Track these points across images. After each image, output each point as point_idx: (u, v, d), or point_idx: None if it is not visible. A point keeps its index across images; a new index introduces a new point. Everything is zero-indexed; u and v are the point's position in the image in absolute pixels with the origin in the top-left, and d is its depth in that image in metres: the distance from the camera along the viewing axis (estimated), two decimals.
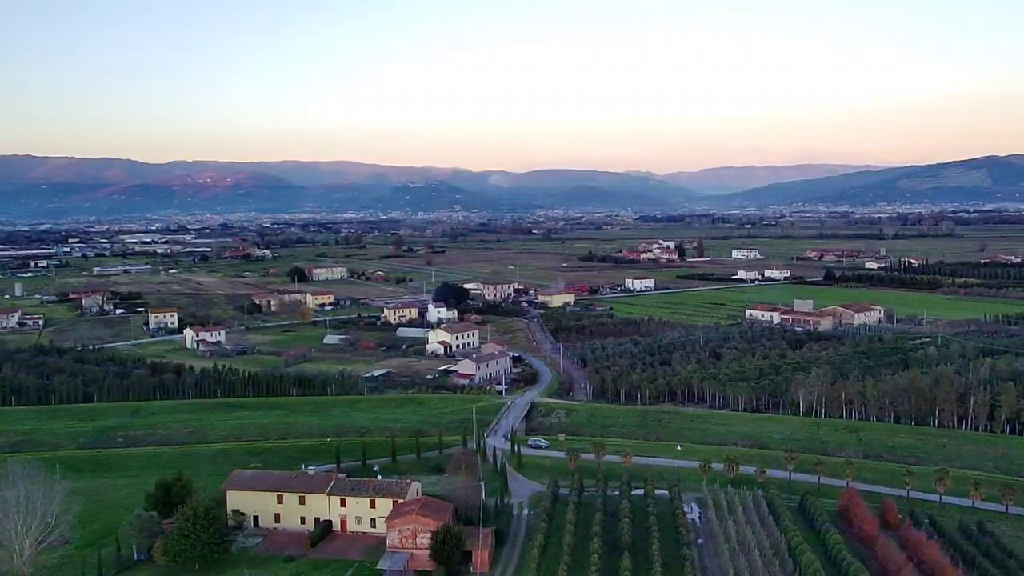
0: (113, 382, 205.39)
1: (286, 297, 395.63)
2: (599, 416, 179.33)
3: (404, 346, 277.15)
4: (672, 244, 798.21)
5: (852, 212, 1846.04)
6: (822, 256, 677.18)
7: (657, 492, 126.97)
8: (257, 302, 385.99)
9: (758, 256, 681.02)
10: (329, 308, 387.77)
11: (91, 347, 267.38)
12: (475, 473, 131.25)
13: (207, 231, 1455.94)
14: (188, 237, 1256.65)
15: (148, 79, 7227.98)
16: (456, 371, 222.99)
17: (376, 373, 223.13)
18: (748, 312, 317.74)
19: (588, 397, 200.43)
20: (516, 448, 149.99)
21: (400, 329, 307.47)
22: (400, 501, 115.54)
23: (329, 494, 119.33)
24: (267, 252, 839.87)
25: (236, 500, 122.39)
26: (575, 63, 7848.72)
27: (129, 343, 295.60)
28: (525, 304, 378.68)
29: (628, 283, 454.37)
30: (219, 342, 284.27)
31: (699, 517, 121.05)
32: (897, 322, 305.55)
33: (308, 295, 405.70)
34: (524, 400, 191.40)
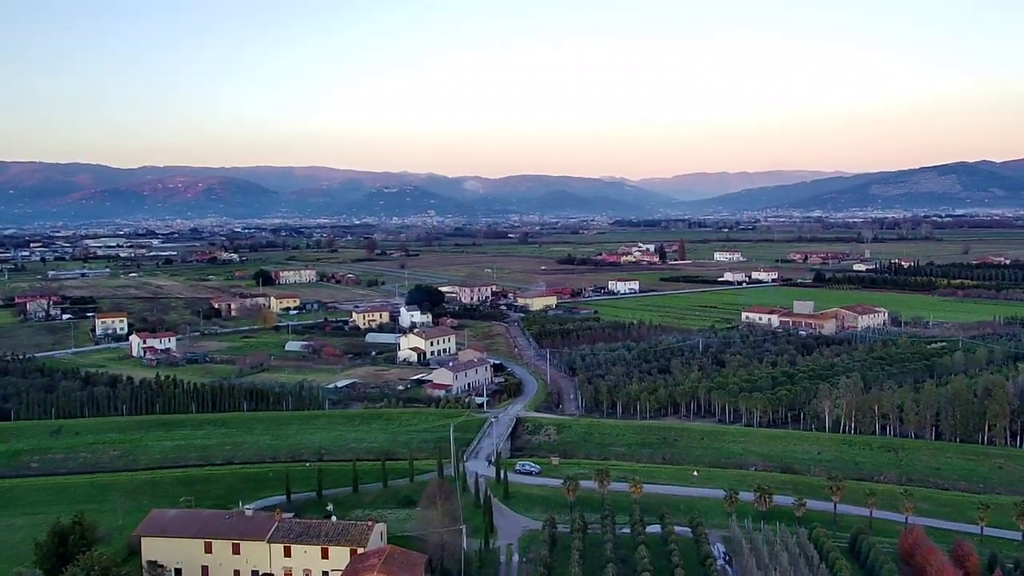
0: (35, 396, 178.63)
1: (247, 301, 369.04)
2: (595, 433, 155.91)
3: (373, 353, 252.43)
4: (652, 247, 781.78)
5: (826, 217, 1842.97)
6: (806, 258, 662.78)
7: (676, 529, 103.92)
8: (216, 306, 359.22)
9: (741, 259, 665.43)
10: (294, 312, 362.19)
11: (22, 356, 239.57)
12: (453, 508, 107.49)
13: (176, 236, 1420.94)
14: (155, 241, 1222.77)
15: (119, 83, 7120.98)
16: (431, 381, 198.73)
17: (340, 384, 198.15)
18: (745, 315, 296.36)
19: (580, 410, 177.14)
20: (502, 474, 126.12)
21: (369, 335, 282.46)
22: (359, 551, 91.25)
23: (270, 541, 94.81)
24: (235, 256, 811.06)
25: (153, 549, 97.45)
26: (549, 69, 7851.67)
27: (70, 351, 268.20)
28: (504, 307, 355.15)
29: (611, 285, 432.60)
30: (168, 349, 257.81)
31: (729, 561, 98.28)
32: (904, 325, 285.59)
33: (272, 298, 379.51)
34: (508, 415, 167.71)
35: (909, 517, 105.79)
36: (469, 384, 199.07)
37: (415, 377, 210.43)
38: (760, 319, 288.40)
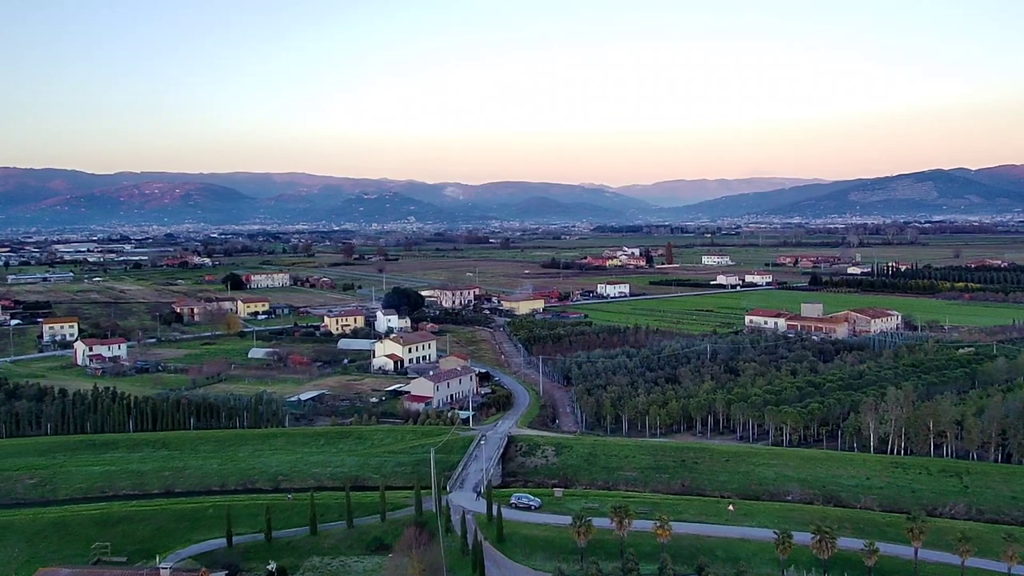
0: None
1: (212, 305, 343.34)
2: (600, 454, 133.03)
3: (346, 361, 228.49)
4: (637, 251, 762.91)
5: (806, 223, 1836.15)
6: (797, 262, 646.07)
7: None
8: (178, 311, 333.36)
9: (730, 262, 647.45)
10: (262, 317, 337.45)
11: None
12: (434, 556, 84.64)
13: (149, 241, 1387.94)
14: (128, 247, 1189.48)
15: (96, 89, 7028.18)
16: (408, 392, 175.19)
17: (305, 396, 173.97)
18: (749, 318, 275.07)
19: (580, 427, 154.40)
20: (495, 510, 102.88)
21: (342, 341, 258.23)
22: None
23: None
24: (207, 260, 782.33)
25: None
26: (530, 76, 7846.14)
27: (8, 359, 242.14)
28: (489, 312, 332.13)
29: (600, 289, 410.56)
30: (118, 357, 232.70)
31: None
32: (918, 329, 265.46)
33: (239, 302, 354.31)
34: (498, 432, 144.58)
35: (1012, 568, 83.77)
36: (452, 396, 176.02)
37: (391, 388, 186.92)
38: (765, 323, 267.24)
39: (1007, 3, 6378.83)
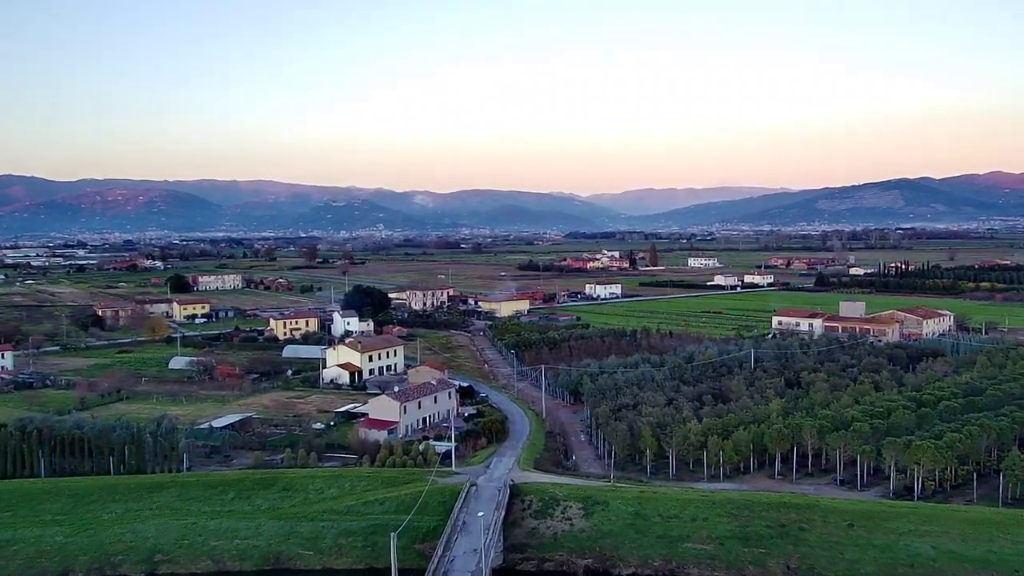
0: None
1: (143, 307, 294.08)
2: (652, 514, 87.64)
3: (289, 372, 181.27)
4: (618, 254, 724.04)
5: (777, 230, 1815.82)
6: (789, 264, 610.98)
7: None
8: (100, 314, 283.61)
9: (717, 264, 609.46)
10: (201, 321, 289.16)
11: None
12: None
13: (106, 247, 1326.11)
14: (82, 251, 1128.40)
15: (57, 94, 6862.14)
16: (365, 416, 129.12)
17: (221, 423, 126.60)
18: (777, 319, 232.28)
19: (607, 466, 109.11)
20: None
21: (288, 347, 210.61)
22: None
23: None
24: (159, 264, 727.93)
25: None
26: (498, 85, 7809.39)
27: None
28: (466, 314, 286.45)
29: (589, 290, 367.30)
30: (2, 368, 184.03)
31: None
32: (982, 332, 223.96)
33: (175, 304, 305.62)
34: (494, 477, 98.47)
35: None
36: (425, 420, 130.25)
37: (342, 408, 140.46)
38: (798, 324, 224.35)
39: (969, 12, 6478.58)
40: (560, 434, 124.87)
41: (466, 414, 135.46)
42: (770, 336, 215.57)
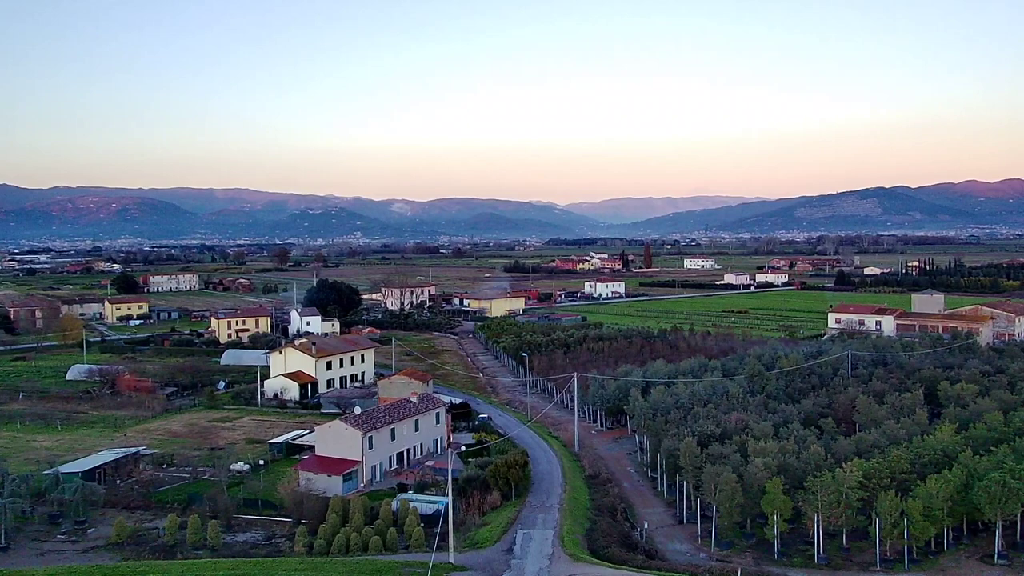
0: None
1: (59, 307, 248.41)
2: None
3: (221, 384, 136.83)
4: (606, 255, 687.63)
5: (758, 237, 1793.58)
6: (792, 265, 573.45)
7: None
8: (11, 315, 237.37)
9: (715, 266, 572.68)
10: (136, 322, 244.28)
11: None
12: None
13: (72, 253, 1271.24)
14: (43, 257, 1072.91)
15: (28, 100, 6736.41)
16: (312, 453, 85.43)
17: (84, 465, 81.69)
18: (835, 316, 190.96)
19: (698, 534, 66.07)
20: None
21: (228, 352, 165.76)
22: None
23: None
24: (116, 267, 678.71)
25: None
26: (476, 93, 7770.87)
27: None
28: (451, 313, 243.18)
29: (590, 288, 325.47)
30: None
31: None
32: None
33: (106, 303, 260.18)
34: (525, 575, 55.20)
35: None
36: (402, 456, 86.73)
37: (281, 438, 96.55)
38: (862, 323, 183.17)
39: (941, 22, 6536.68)
40: (609, 480, 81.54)
41: (463, 446, 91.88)
42: (824, 336, 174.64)
